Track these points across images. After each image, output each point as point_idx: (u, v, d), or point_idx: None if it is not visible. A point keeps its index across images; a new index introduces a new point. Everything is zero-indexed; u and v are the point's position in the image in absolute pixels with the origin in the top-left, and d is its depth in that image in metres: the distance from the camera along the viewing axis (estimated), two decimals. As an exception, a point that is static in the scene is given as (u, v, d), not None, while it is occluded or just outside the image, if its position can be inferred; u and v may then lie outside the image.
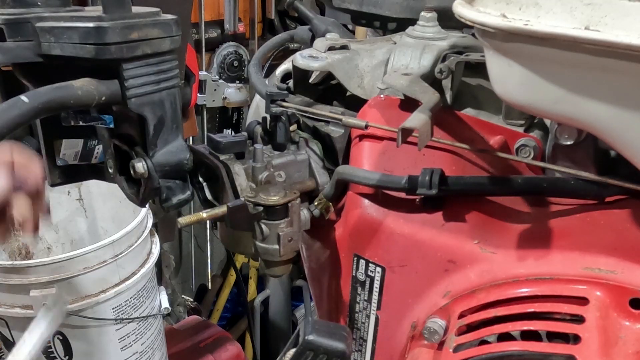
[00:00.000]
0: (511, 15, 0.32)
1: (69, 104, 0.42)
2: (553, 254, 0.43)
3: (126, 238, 0.90)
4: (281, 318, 2.11)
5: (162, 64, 0.46)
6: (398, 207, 0.49)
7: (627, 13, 0.29)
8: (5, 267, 0.83)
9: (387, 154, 0.51)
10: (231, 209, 0.49)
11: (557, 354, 0.38)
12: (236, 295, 2.25)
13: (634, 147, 0.35)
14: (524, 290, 0.43)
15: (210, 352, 1.14)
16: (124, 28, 0.42)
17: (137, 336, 0.95)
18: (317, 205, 0.54)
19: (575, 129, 0.45)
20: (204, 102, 2.01)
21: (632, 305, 0.39)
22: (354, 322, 0.54)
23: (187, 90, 1.39)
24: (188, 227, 2.03)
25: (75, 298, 0.86)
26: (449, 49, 0.54)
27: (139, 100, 0.45)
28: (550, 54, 0.32)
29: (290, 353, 0.43)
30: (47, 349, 0.89)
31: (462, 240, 0.46)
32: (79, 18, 0.43)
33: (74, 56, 0.43)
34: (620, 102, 0.33)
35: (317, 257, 0.58)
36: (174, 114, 0.49)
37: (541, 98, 0.35)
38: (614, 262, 0.41)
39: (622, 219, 0.44)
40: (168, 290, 1.25)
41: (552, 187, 0.46)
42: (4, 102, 0.38)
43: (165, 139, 0.49)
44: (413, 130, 0.42)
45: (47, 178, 0.53)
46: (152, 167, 0.48)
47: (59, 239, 1.17)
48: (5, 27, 0.43)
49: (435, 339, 0.45)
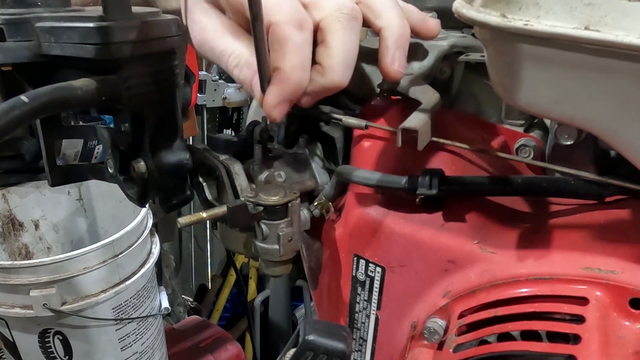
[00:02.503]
0: (511, 15, 0.32)
1: (69, 104, 0.42)
2: (553, 254, 0.43)
3: (126, 238, 0.90)
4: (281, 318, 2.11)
5: (162, 64, 0.46)
6: (398, 207, 0.49)
7: (627, 13, 0.29)
8: (5, 267, 0.83)
9: (387, 154, 0.51)
10: (231, 209, 0.49)
11: (557, 353, 0.38)
12: (236, 295, 2.25)
13: (634, 147, 0.35)
14: (524, 290, 0.43)
15: (210, 352, 1.14)
16: (124, 28, 0.42)
17: (137, 336, 0.95)
18: (317, 205, 0.54)
19: (575, 129, 0.45)
20: (204, 102, 2.01)
21: (632, 305, 0.39)
22: (354, 322, 0.54)
23: (187, 90, 1.39)
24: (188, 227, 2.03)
25: (75, 298, 0.86)
26: (449, 49, 0.54)
27: (139, 100, 0.45)
28: (550, 54, 0.32)
29: (290, 353, 0.43)
30: (47, 349, 0.89)
31: (462, 240, 0.46)
32: (79, 18, 0.43)
33: (74, 56, 0.43)
34: (620, 102, 0.33)
35: (317, 257, 0.58)
36: (174, 114, 0.49)
37: (541, 98, 0.35)
38: (614, 262, 0.41)
39: (622, 219, 0.44)
40: (168, 290, 1.25)
41: (552, 187, 0.46)
42: (4, 102, 0.38)
43: (166, 139, 0.49)
44: (413, 130, 0.42)
45: (47, 178, 0.53)
46: (152, 167, 0.48)
47: (59, 239, 1.17)
48: (5, 27, 0.43)
49: (435, 339, 0.45)
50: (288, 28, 0.39)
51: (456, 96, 0.56)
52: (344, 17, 0.43)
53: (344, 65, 0.43)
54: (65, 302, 0.85)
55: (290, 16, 0.40)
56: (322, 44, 0.44)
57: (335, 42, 0.43)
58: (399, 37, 0.46)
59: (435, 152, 0.50)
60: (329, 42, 0.43)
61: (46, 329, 0.88)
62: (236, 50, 0.44)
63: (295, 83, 0.40)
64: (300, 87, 0.41)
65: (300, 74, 0.40)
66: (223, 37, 0.45)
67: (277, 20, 0.39)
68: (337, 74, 0.43)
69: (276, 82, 0.40)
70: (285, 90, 0.40)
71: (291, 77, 0.40)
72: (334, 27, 0.43)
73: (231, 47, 0.44)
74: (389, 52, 0.45)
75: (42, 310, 0.84)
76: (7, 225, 1.10)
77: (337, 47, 0.43)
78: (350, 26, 0.43)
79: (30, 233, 1.13)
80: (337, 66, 0.42)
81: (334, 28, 0.43)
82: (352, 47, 0.44)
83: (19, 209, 1.11)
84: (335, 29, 0.43)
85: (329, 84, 0.43)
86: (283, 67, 0.40)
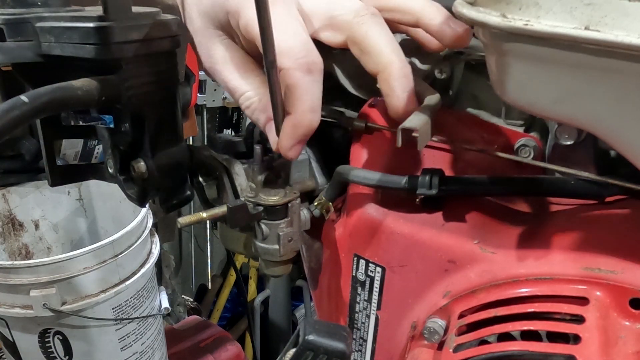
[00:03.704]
0: (511, 15, 0.32)
1: (69, 104, 0.42)
2: (553, 254, 0.43)
3: (126, 238, 0.90)
4: (281, 318, 2.11)
5: (162, 63, 0.46)
6: (398, 207, 0.49)
7: (627, 13, 0.29)
8: (5, 267, 0.83)
9: (387, 154, 0.51)
10: (231, 209, 0.49)
11: (557, 354, 0.38)
12: (236, 295, 2.25)
13: (634, 147, 0.35)
14: (524, 290, 0.43)
15: (210, 352, 1.14)
16: (124, 28, 0.42)
17: (137, 336, 0.95)
18: (317, 205, 0.54)
19: (575, 129, 0.45)
20: (204, 102, 2.01)
21: (632, 305, 0.39)
22: (354, 322, 0.54)
23: (187, 90, 1.39)
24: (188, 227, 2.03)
25: (75, 298, 0.86)
26: (449, 49, 0.54)
27: (139, 100, 0.45)
28: (550, 54, 0.32)
29: (290, 353, 0.43)
30: (47, 349, 0.89)
31: (462, 240, 0.46)
32: (79, 18, 0.43)
33: (74, 56, 0.43)
34: (620, 102, 0.33)
35: (317, 257, 0.58)
36: (174, 114, 0.49)
37: (541, 98, 0.35)
38: (614, 262, 0.41)
39: (622, 219, 0.44)
40: (168, 290, 1.25)
41: (552, 187, 0.46)
42: (4, 102, 0.38)
43: (166, 139, 0.49)
44: (413, 130, 0.42)
45: (47, 178, 0.53)
46: (152, 167, 0.48)
47: (59, 239, 1.17)
48: (5, 27, 0.43)
49: (435, 339, 0.45)
50: (297, 74, 0.41)
51: (456, 96, 0.56)
52: (365, 19, 0.44)
53: (396, 54, 0.44)
54: (65, 302, 0.85)
55: (299, 61, 0.41)
56: (362, 56, 0.45)
57: (373, 43, 0.44)
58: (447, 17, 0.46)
59: (435, 152, 0.50)
60: (366, 48, 0.44)
61: (46, 329, 0.88)
62: (247, 92, 0.46)
63: (306, 126, 0.42)
64: (311, 128, 0.42)
65: (311, 116, 0.42)
66: (232, 72, 0.46)
67: (286, 66, 0.41)
68: (397, 66, 0.44)
69: (288, 126, 0.42)
70: (297, 133, 0.42)
71: (302, 121, 0.42)
72: (362, 32, 0.44)
73: (242, 87, 0.46)
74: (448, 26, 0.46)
75: (42, 310, 0.84)
76: (7, 225, 1.10)
77: (377, 46, 0.44)
78: (374, 22, 0.44)
79: (30, 233, 1.13)
80: (389, 58, 0.44)
81: (362, 33, 0.44)
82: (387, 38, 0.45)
83: (19, 209, 1.11)
84: (363, 32, 0.44)
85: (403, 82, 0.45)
86: (294, 112, 0.42)
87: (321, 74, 0.42)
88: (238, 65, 0.46)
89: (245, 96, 0.46)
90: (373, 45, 0.44)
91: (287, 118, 0.42)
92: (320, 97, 0.42)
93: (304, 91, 0.41)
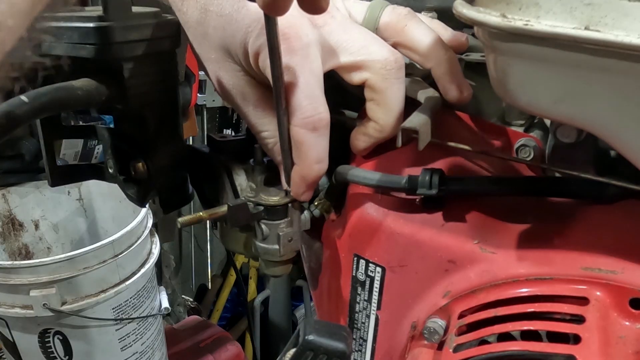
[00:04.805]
0: (511, 15, 0.32)
1: (69, 104, 0.42)
2: (553, 254, 0.43)
3: (126, 238, 0.90)
4: (281, 318, 2.11)
5: (162, 64, 0.46)
6: (398, 207, 0.49)
7: (627, 13, 0.29)
8: (5, 267, 0.83)
9: (387, 154, 0.51)
10: (232, 208, 0.49)
11: (557, 354, 0.38)
12: (236, 295, 2.25)
13: (634, 147, 0.35)
14: (524, 290, 0.43)
15: (210, 352, 1.14)
16: (124, 28, 0.42)
17: (137, 336, 0.95)
18: (317, 205, 0.54)
19: (575, 129, 0.45)
20: (204, 102, 2.01)
21: (632, 305, 0.39)
22: (354, 322, 0.54)
23: (187, 90, 1.39)
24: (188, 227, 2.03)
25: (75, 298, 0.86)
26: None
27: (139, 100, 0.46)
28: (550, 54, 0.32)
29: (290, 353, 0.43)
30: (47, 349, 0.90)
31: (462, 240, 0.46)
32: (79, 18, 0.43)
33: (74, 56, 0.43)
34: (620, 102, 0.33)
35: (317, 257, 0.58)
36: (174, 114, 0.49)
37: (541, 98, 0.35)
38: (614, 262, 0.41)
39: (622, 219, 0.44)
40: (168, 290, 1.25)
41: (552, 187, 0.46)
42: (4, 102, 0.38)
43: (166, 139, 0.49)
44: (413, 130, 0.42)
45: (47, 178, 0.53)
46: (152, 167, 0.48)
47: (59, 239, 1.17)
48: (5, 27, 0.43)
49: (435, 339, 0.45)
50: (302, 132, 0.43)
51: (456, 96, 0.56)
52: (391, 74, 0.46)
53: (399, 118, 0.47)
54: (65, 302, 0.85)
55: (305, 120, 0.43)
56: (373, 102, 0.47)
57: (388, 100, 0.47)
58: (451, 70, 0.49)
59: (435, 152, 0.50)
60: (380, 101, 0.47)
61: (46, 329, 0.88)
62: (264, 132, 0.48)
63: (314, 176, 0.46)
64: (319, 176, 0.46)
65: (317, 167, 0.45)
66: (251, 110, 0.48)
67: (294, 123, 0.43)
68: (394, 127, 0.47)
69: (297, 177, 0.46)
70: (306, 182, 0.46)
71: (310, 172, 0.45)
72: (383, 86, 0.46)
73: (260, 126, 0.48)
74: (452, 86, 0.49)
75: (42, 310, 0.84)
76: (7, 225, 1.10)
77: (390, 104, 0.47)
78: (397, 78, 0.47)
79: (30, 233, 1.14)
80: (393, 121, 0.47)
81: (383, 86, 0.46)
82: (401, 97, 0.47)
83: (19, 209, 1.11)
84: (384, 87, 0.46)
85: (387, 137, 0.49)
86: (301, 165, 0.45)
87: (327, 128, 0.44)
88: (256, 105, 0.48)
89: (263, 135, 0.48)
90: (388, 103, 0.47)
91: (295, 168, 0.46)
92: (326, 148, 0.45)
93: (309, 147, 0.44)
